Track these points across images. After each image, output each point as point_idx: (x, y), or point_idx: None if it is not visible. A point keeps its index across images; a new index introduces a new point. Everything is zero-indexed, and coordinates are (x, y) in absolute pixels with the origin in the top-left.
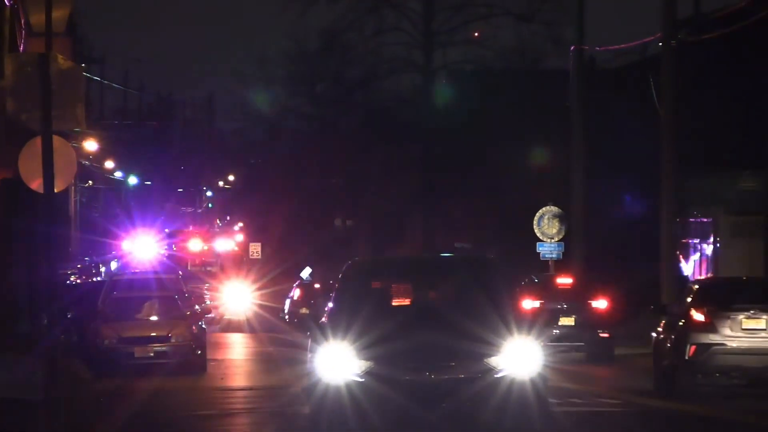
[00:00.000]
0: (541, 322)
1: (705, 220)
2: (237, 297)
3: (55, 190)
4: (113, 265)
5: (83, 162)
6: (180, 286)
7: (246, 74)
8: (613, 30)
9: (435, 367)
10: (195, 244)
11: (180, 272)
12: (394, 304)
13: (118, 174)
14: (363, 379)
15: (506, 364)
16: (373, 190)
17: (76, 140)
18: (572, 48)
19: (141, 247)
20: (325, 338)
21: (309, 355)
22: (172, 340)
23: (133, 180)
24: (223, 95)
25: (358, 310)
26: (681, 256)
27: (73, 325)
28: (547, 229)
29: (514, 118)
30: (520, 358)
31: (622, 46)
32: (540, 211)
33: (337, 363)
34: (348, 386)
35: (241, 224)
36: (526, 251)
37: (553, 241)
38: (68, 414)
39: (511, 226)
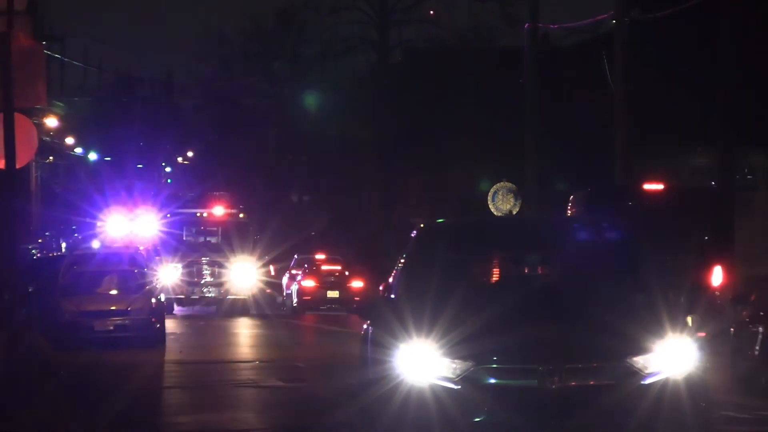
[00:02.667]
0: None
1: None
2: (242, 273)
3: (17, 167)
4: (95, 244)
5: (44, 138)
6: (140, 260)
7: (204, 52)
8: (567, 8)
9: (558, 370)
10: (191, 210)
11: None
12: (493, 284)
13: (78, 150)
14: (459, 386)
15: (656, 365)
16: (331, 166)
17: (36, 117)
18: (526, 26)
19: (121, 226)
20: (406, 331)
21: (372, 350)
22: (132, 314)
23: (93, 156)
24: (182, 73)
25: (445, 292)
26: None
27: (34, 299)
28: (501, 205)
29: (470, 96)
30: (674, 357)
31: (576, 24)
32: (494, 186)
33: (425, 365)
34: (438, 394)
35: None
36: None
37: None
38: (27, 388)
39: (466, 202)
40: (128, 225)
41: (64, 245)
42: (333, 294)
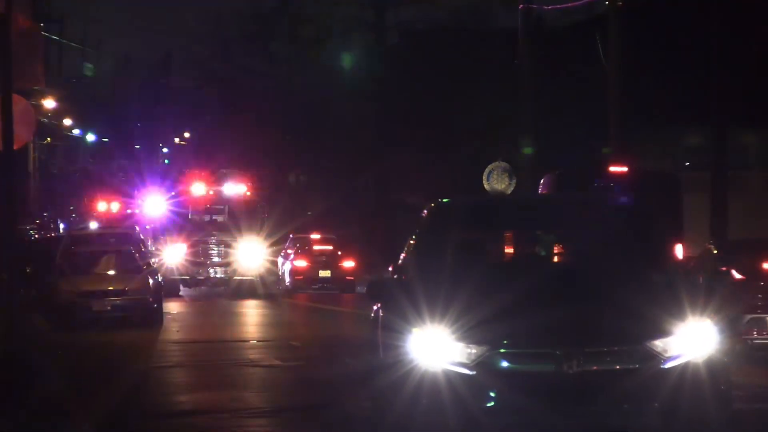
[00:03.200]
0: None
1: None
2: (250, 253)
3: (15, 147)
4: (92, 225)
5: (42, 119)
6: (138, 241)
7: (202, 33)
8: None
9: (576, 354)
10: (198, 188)
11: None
12: (508, 265)
13: (76, 131)
14: (474, 372)
15: (677, 348)
16: (328, 146)
17: (35, 98)
18: (520, 6)
19: (150, 205)
20: (419, 315)
21: (383, 334)
22: (129, 294)
23: (90, 137)
24: (180, 54)
25: (459, 274)
26: None
27: (32, 280)
28: (497, 184)
29: (466, 77)
30: (695, 340)
31: (570, 5)
32: (489, 166)
33: (438, 350)
34: (452, 380)
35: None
36: None
37: None
38: (26, 368)
39: (463, 182)
40: (135, 204)
41: (62, 226)
42: (324, 273)
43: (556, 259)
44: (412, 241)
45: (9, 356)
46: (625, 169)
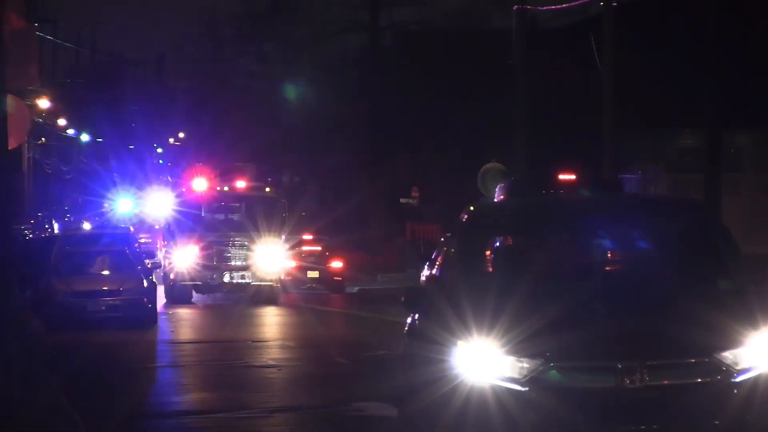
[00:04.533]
0: None
1: (644, 175)
2: (269, 255)
3: (9, 147)
4: (86, 225)
5: (36, 119)
6: (132, 241)
7: (196, 33)
8: None
9: (638, 367)
10: (209, 184)
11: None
12: (561, 272)
13: (70, 131)
14: (526, 388)
15: (748, 360)
16: (322, 146)
17: (29, 98)
18: (515, 7)
19: (155, 204)
20: (465, 326)
21: (421, 346)
22: (123, 294)
23: (85, 137)
24: (173, 54)
25: (507, 282)
26: None
27: (26, 280)
28: (491, 186)
29: (460, 78)
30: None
31: (564, 5)
32: (483, 167)
33: (486, 365)
34: (501, 397)
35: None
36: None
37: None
38: (22, 368)
39: (456, 183)
40: (137, 204)
41: (56, 226)
42: (313, 274)
43: (613, 264)
44: (452, 247)
45: (3, 356)
46: (573, 176)
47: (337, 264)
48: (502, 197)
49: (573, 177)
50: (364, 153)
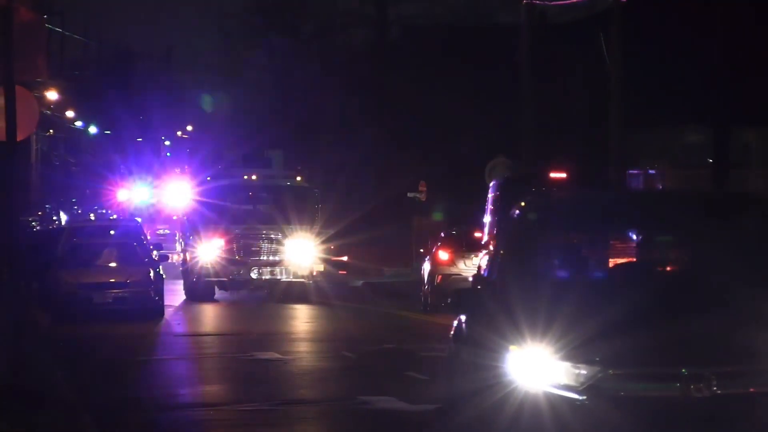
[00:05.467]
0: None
1: (651, 172)
2: (301, 250)
3: (17, 139)
4: (92, 217)
5: (45, 111)
6: (139, 233)
7: (204, 26)
8: None
9: (705, 375)
10: (235, 172)
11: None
12: (621, 272)
13: (78, 123)
14: (584, 397)
15: None
16: (328, 140)
17: (37, 90)
18: (523, 1)
19: (173, 195)
20: (518, 330)
21: (470, 351)
22: (131, 287)
23: (93, 129)
24: (182, 47)
25: (562, 283)
26: None
27: (32, 272)
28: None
29: (467, 72)
30: None
31: (573, 0)
32: (491, 162)
33: (541, 372)
34: (557, 407)
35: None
36: (480, 203)
37: None
38: (28, 360)
39: (464, 179)
40: (154, 194)
41: (64, 217)
42: (318, 267)
43: (676, 264)
44: (503, 246)
45: (10, 348)
46: (563, 174)
47: (341, 258)
48: (496, 194)
49: (564, 175)
50: (371, 147)
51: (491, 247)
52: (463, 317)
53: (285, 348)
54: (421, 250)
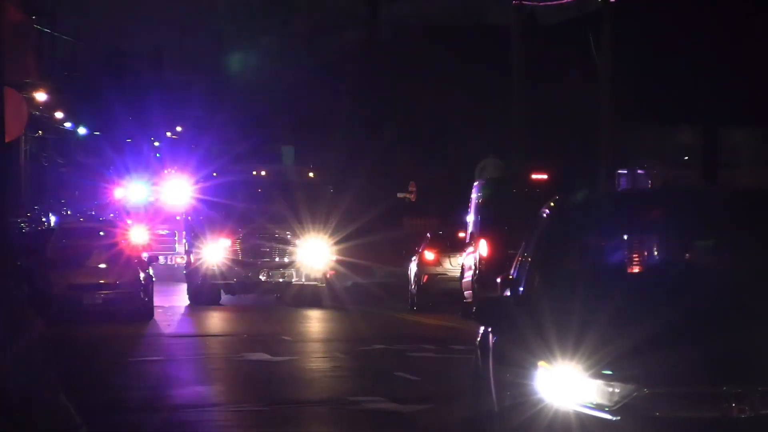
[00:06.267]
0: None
1: (640, 171)
2: (313, 251)
3: (6, 140)
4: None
5: (34, 112)
6: (128, 234)
7: (194, 26)
8: None
9: (750, 393)
10: (241, 168)
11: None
12: (657, 279)
13: (67, 124)
14: (617, 417)
15: None
16: (317, 142)
17: (26, 91)
18: (514, 2)
19: (172, 193)
20: (547, 345)
21: (497, 367)
22: (120, 288)
23: (82, 130)
24: (172, 47)
25: (597, 292)
26: None
27: (22, 273)
28: None
29: (458, 72)
30: None
31: (563, 1)
32: (481, 161)
33: (572, 389)
34: (588, 427)
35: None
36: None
37: None
38: (18, 361)
39: (454, 178)
40: (152, 192)
41: (53, 219)
42: None
43: (723, 272)
44: (532, 251)
45: (2, 351)
46: (545, 176)
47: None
48: (479, 194)
49: (545, 176)
50: (361, 147)
51: (475, 248)
52: (488, 329)
53: (274, 349)
54: (404, 252)
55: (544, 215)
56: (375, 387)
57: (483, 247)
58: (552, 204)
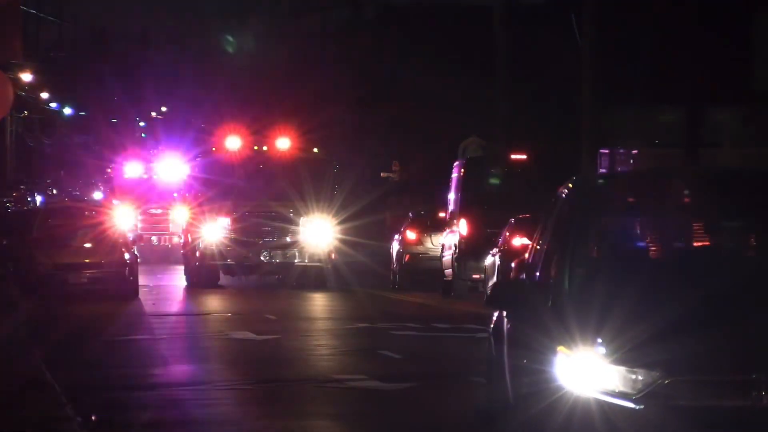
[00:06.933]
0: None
1: (621, 151)
2: (317, 230)
3: None
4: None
5: (19, 93)
6: (114, 214)
7: (181, 8)
8: None
9: None
10: (241, 143)
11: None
12: (681, 262)
13: (53, 105)
14: (641, 406)
15: None
16: (303, 121)
17: (12, 72)
18: None
19: (167, 170)
20: (568, 331)
21: (514, 353)
22: (105, 267)
23: (67, 110)
24: (157, 27)
25: (618, 276)
26: None
27: (8, 252)
28: None
29: (443, 53)
30: None
31: None
32: (464, 141)
33: (593, 377)
34: (610, 416)
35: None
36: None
37: None
38: (2, 339)
39: (437, 158)
40: (146, 170)
41: (39, 198)
42: None
43: (744, 255)
44: (549, 233)
45: None
46: (524, 156)
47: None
48: (460, 173)
49: (524, 156)
50: (345, 126)
51: (455, 227)
52: (503, 313)
53: (259, 327)
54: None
55: (563, 196)
56: (359, 365)
57: (463, 226)
58: (570, 185)
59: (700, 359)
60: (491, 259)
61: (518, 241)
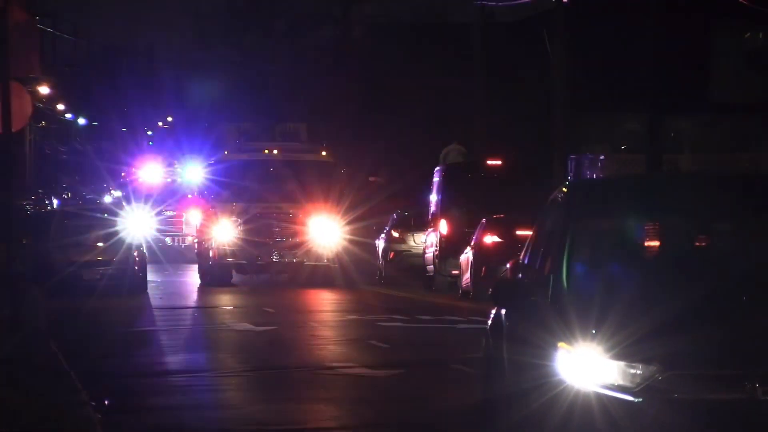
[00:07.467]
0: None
1: (590, 156)
2: (325, 230)
3: (12, 130)
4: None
5: (37, 105)
6: (125, 216)
7: (182, 26)
8: None
9: None
10: (253, 147)
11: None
12: (677, 260)
13: (68, 115)
14: (639, 399)
15: None
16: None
17: (30, 85)
18: (476, 2)
19: (187, 172)
20: (567, 326)
21: (512, 348)
22: (116, 264)
23: (81, 121)
24: (163, 44)
25: (615, 273)
26: None
27: (28, 251)
28: None
29: (424, 68)
30: None
31: (518, 0)
32: (445, 148)
33: (592, 371)
34: (609, 410)
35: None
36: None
37: None
38: (23, 332)
39: (420, 166)
40: (166, 173)
41: (56, 202)
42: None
43: (743, 254)
44: (546, 233)
45: (10, 322)
46: (499, 162)
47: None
48: (440, 178)
49: (499, 162)
50: (335, 134)
51: (436, 227)
52: (502, 310)
53: (258, 320)
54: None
55: (559, 199)
56: (350, 354)
57: (443, 226)
58: (565, 189)
59: (696, 354)
60: (465, 256)
61: (489, 239)
